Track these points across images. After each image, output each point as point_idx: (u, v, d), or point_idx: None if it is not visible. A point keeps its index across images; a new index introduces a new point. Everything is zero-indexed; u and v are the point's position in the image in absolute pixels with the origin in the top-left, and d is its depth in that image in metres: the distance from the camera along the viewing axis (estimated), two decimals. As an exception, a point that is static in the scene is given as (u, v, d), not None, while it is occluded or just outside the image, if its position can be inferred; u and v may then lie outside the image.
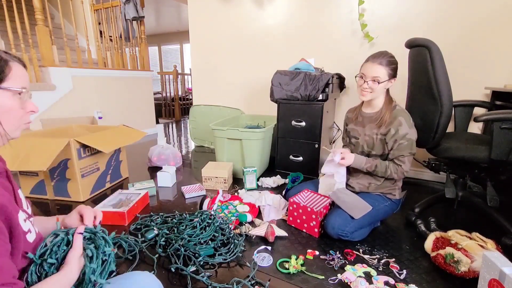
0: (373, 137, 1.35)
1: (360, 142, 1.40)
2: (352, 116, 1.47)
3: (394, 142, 1.28)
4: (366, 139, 1.37)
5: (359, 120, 1.43)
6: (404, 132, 1.26)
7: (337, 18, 2.28)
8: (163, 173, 1.96)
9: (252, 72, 2.77)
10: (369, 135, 1.36)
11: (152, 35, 7.59)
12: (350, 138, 1.47)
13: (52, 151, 1.48)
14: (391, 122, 1.29)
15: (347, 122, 1.52)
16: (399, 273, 1.10)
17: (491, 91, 1.79)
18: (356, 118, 1.44)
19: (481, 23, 1.84)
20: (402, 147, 1.27)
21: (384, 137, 1.31)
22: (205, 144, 3.10)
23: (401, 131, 1.26)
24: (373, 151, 1.36)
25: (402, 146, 1.27)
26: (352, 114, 1.49)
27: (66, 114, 2.78)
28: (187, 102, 5.87)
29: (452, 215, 1.59)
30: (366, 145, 1.38)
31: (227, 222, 1.36)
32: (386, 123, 1.30)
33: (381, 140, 1.33)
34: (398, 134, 1.26)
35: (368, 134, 1.37)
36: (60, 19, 2.83)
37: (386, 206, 1.35)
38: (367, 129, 1.37)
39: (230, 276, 1.08)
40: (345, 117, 1.54)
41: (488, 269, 0.88)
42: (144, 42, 3.68)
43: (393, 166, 1.30)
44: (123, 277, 0.73)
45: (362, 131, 1.39)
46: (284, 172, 2.21)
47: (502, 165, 1.34)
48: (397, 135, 1.27)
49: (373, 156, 1.37)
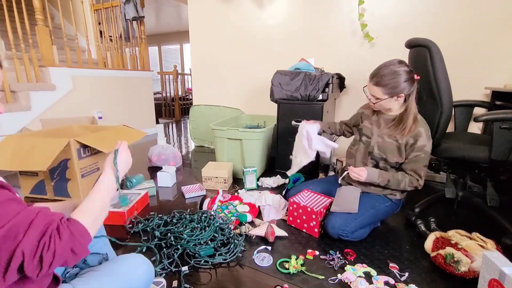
0: (388, 141, 1.28)
1: (371, 142, 1.33)
2: (370, 113, 1.39)
3: (411, 152, 1.24)
4: (379, 141, 1.31)
5: (374, 119, 1.36)
6: (423, 144, 1.21)
7: (337, 18, 2.28)
8: (163, 173, 1.96)
9: (252, 72, 2.77)
10: (382, 137, 1.30)
11: (152, 35, 7.58)
12: (361, 136, 1.39)
13: (52, 151, 1.48)
14: (410, 131, 1.23)
15: (361, 118, 1.44)
16: (400, 274, 1.10)
17: (491, 91, 1.79)
18: (372, 115, 1.37)
19: (481, 23, 1.84)
20: (419, 159, 1.22)
21: (400, 145, 1.25)
22: (205, 144, 3.10)
23: (420, 142, 1.21)
24: (384, 155, 1.29)
25: (419, 158, 1.22)
26: (368, 111, 1.40)
27: (66, 114, 2.78)
28: (187, 102, 5.87)
29: (452, 215, 1.59)
30: (377, 147, 1.31)
31: (227, 222, 1.36)
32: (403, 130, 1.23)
33: (397, 147, 1.26)
34: (416, 145, 1.21)
35: (381, 136, 1.31)
36: (60, 19, 2.83)
37: (387, 207, 1.35)
38: (381, 130, 1.31)
39: (230, 276, 1.08)
40: (360, 112, 1.46)
41: (488, 269, 0.88)
42: (144, 42, 3.68)
43: (409, 180, 1.25)
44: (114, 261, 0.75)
45: (376, 131, 1.33)
46: (284, 172, 2.20)
47: (502, 165, 1.34)
48: (416, 146, 1.21)
49: (383, 161, 1.31)
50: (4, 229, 0.50)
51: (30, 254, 0.51)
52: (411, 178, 1.26)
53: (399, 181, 1.26)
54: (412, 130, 1.22)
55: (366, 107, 1.44)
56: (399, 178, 1.26)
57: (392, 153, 1.28)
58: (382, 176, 1.28)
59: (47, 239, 0.52)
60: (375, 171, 1.29)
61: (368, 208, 1.30)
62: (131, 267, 0.73)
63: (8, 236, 0.50)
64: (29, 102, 2.45)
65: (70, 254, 0.55)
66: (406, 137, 1.24)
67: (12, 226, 0.51)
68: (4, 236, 0.50)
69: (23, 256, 0.50)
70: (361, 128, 1.41)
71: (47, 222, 0.54)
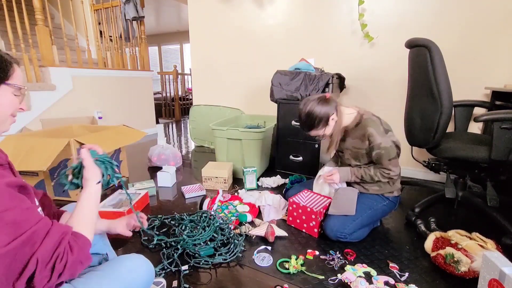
0: (354, 151, 1.36)
1: (345, 155, 1.42)
2: None
3: (372, 151, 1.29)
4: (349, 153, 1.39)
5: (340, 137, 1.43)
6: (378, 142, 1.25)
7: (337, 18, 2.28)
8: (163, 173, 1.96)
9: (252, 72, 2.77)
10: (350, 149, 1.38)
11: (152, 35, 7.58)
12: (338, 151, 1.49)
13: (52, 151, 1.48)
14: (362, 135, 1.29)
15: None
16: (400, 274, 1.10)
17: (491, 91, 1.79)
18: None
19: (481, 23, 1.84)
20: (380, 156, 1.27)
21: (364, 150, 1.32)
22: (205, 144, 3.10)
23: (374, 142, 1.25)
24: (359, 162, 1.37)
25: (380, 155, 1.27)
26: None
27: (66, 114, 2.78)
28: (187, 102, 5.87)
29: (452, 215, 1.59)
30: (353, 158, 1.39)
31: (227, 222, 1.36)
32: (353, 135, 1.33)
33: (364, 153, 1.33)
34: (373, 145, 1.27)
35: (349, 148, 1.39)
36: (60, 19, 2.83)
37: (384, 206, 1.35)
38: (347, 143, 1.39)
39: (230, 276, 1.08)
40: None
41: (488, 269, 0.88)
42: (144, 42, 3.68)
43: (380, 174, 1.30)
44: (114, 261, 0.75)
45: (344, 145, 1.41)
46: (284, 172, 2.21)
47: (502, 165, 1.34)
48: (372, 145, 1.27)
49: (363, 166, 1.37)
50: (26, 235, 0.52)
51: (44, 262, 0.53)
52: (382, 171, 1.30)
53: (371, 175, 1.32)
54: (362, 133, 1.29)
55: None
56: (371, 173, 1.32)
57: (364, 157, 1.35)
58: (354, 173, 1.36)
59: (61, 251, 0.56)
60: (346, 169, 1.37)
61: (366, 208, 1.30)
62: (131, 267, 0.74)
63: (27, 242, 0.52)
64: (29, 102, 2.45)
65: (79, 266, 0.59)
66: (362, 142, 1.31)
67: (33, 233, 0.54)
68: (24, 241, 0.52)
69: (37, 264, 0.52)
70: None
71: (62, 233, 0.58)
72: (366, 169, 1.34)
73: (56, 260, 0.54)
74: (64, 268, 0.55)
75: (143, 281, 0.75)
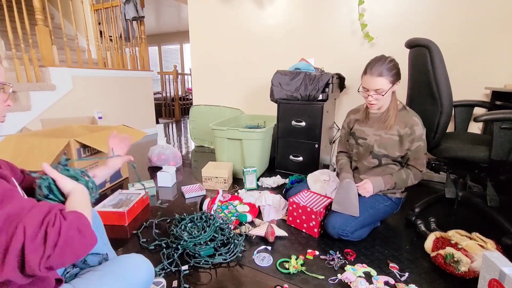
0: (385, 137, 1.29)
1: (369, 142, 1.34)
2: (360, 117, 1.41)
3: (411, 142, 1.26)
4: (377, 139, 1.32)
5: (364, 120, 1.39)
6: (420, 133, 1.24)
7: (337, 18, 2.28)
8: (163, 173, 1.96)
9: (252, 72, 2.77)
10: (379, 134, 1.31)
11: (152, 35, 7.58)
12: (357, 139, 1.40)
13: (52, 151, 1.48)
14: (406, 122, 1.25)
15: (351, 125, 1.46)
16: (400, 274, 1.10)
17: (491, 91, 1.79)
18: (361, 118, 1.40)
19: (481, 23, 1.84)
20: (420, 149, 1.25)
21: (399, 137, 1.27)
22: (205, 144, 3.10)
23: (417, 132, 1.24)
24: (385, 151, 1.30)
25: (420, 147, 1.25)
26: (358, 115, 1.43)
27: (66, 114, 2.78)
28: (187, 102, 5.87)
29: (452, 215, 1.59)
30: (377, 145, 1.31)
31: (227, 222, 1.36)
32: (394, 123, 1.27)
33: (397, 140, 1.28)
34: (415, 134, 1.24)
35: (378, 134, 1.32)
36: (60, 19, 2.83)
37: (387, 206, 1.35)
38: (376, 129, 1.33)
39: (230, 276, 1.08)
40: (348, 120, 1.48)
41: (488, 269, 0.88)
42: (144, 42, 3.68)
43: (413, 174, 1.28)
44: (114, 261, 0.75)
45: (371, 131, 1.34)
46: (284, 172, 2.21)
47: (502, 165, 1.34)
48: (414, 135, 1.24)
49: (385, 157, 1.32)
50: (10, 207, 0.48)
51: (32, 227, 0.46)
52: (414, 171, 1.28)
53: (404, 179, 1.29)
54: (406, 120, 1.26)
55: (353, 112, 1.47)
56: (403, 177, 1.29)
57: (393, 148, 1.30)
58: (387, 181, 1.30)
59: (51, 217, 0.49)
60: (379, 179, 1.31)
61: (368, 208, 1.30)
62: (131, 267, 0.73)
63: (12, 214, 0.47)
64: (29, 102, 2.45)
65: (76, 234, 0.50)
66: (403, 129, 1.26)
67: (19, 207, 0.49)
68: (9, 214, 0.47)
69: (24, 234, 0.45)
70: (354, 132, 1.43)
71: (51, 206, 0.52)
72: (398, 173, 1.30)
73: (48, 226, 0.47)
74: (58, 236, 0.47)
75: (143, 281, 0.75)
